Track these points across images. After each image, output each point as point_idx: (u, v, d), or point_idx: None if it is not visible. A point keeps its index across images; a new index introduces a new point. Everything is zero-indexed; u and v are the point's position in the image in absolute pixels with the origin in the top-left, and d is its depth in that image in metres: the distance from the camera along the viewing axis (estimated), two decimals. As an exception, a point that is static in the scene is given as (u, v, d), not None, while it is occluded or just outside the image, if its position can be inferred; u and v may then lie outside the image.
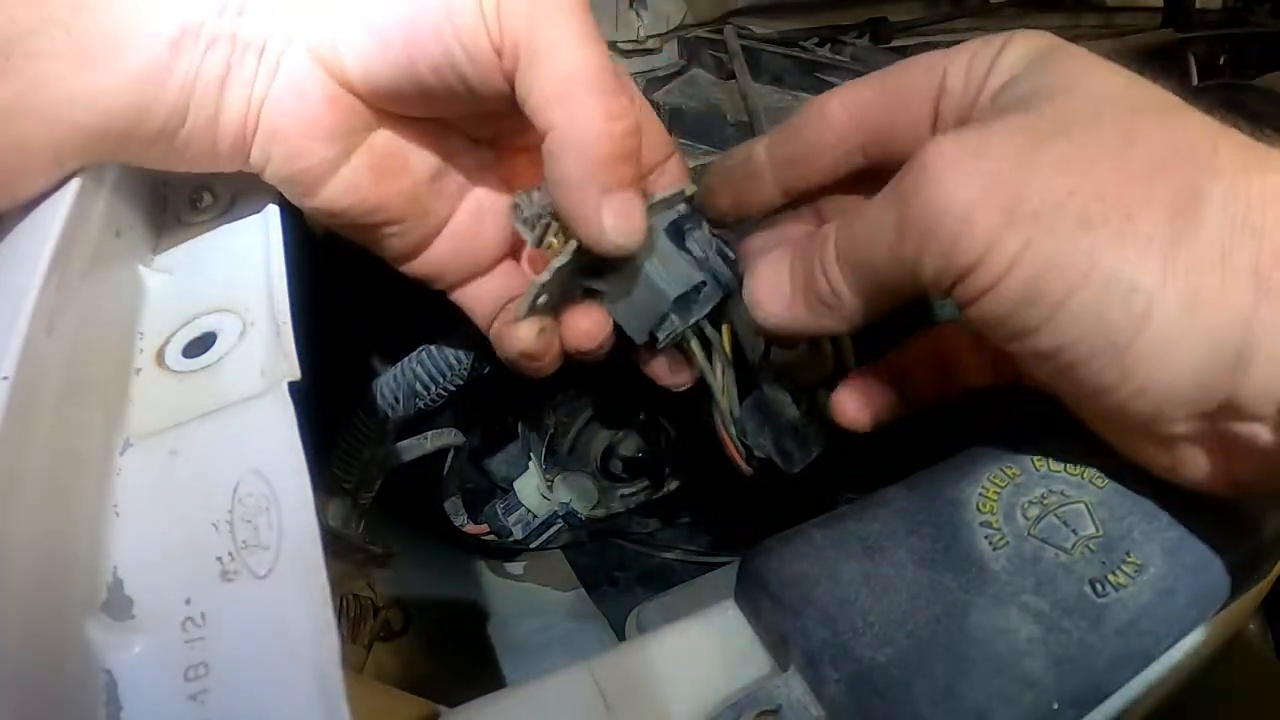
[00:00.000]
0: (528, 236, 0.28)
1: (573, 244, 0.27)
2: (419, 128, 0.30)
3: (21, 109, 0.23)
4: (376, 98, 0.27)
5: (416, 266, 0.32)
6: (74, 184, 0.24)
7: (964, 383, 0.30)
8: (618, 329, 0.30)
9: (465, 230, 0.32)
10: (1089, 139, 0.21)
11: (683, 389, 0.34)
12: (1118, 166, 0.20)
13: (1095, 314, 0.20)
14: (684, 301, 0.29)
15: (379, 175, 0.29)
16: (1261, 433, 0.21)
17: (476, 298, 0.33)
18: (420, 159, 0.30)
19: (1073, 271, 0.20)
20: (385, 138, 0.29)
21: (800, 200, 0.30)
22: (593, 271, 0.29)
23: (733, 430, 0.32)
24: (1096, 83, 0.23)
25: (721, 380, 0.31)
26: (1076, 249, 0.20)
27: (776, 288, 0.27)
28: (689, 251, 0.29)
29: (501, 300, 0.33)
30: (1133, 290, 0.20)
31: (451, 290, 0.33)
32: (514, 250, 0.33)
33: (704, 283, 0.29)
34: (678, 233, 0.30)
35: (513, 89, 0.25)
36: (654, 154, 0.32)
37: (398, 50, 0.25)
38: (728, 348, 0.31)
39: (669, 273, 0.29)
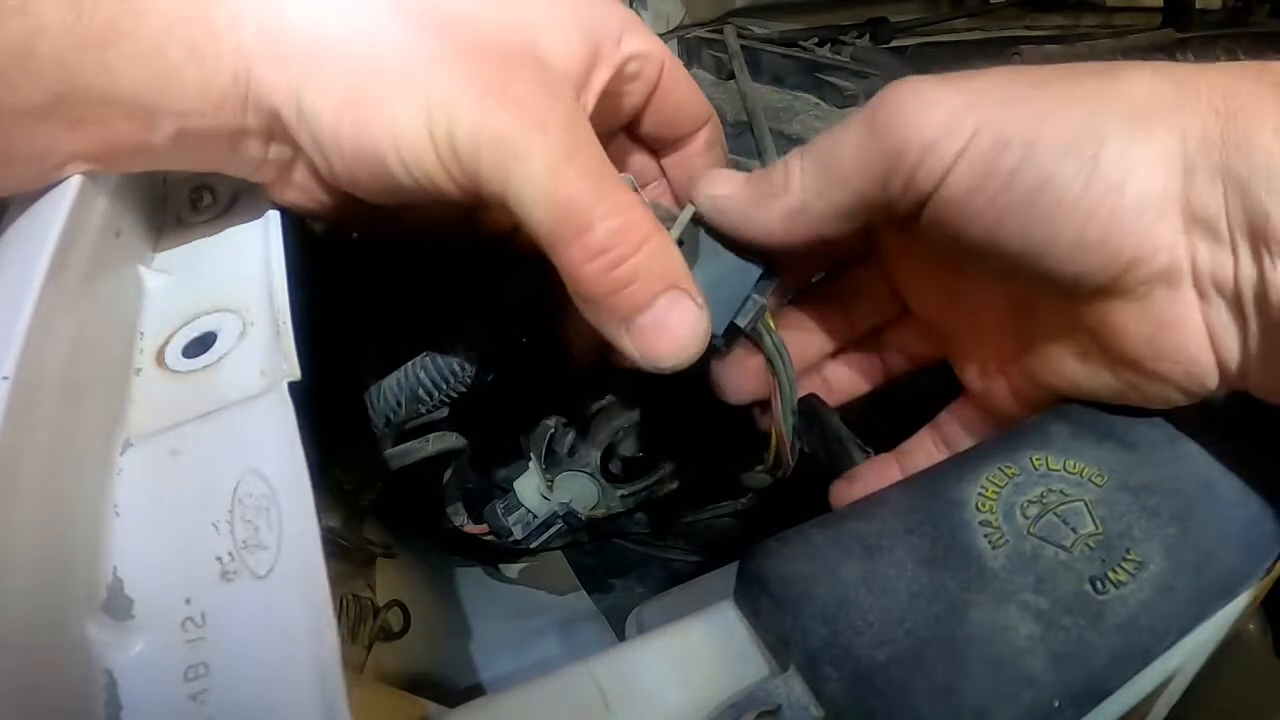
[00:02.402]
0: None
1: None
2: None
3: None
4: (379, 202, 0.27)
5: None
6: (74, 184, 0.24)
7: None
8: None
9: None
10: (1027, 69, 0.25)
11: (748, 400, 0.33)
12: (1056, 73, 0.25)
13: (1064, 144, 0.23)
14: (760, 283, 0.29)
15: (385, 222, 0.30)
16: (1223, 258, 0.23)
17: None
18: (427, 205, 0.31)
19: (1033, 117, 0.23)
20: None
21: None
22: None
23: (791, 422, 0.32)
24: None
25: (786, 371, 0.31)
26: (1032, 100, 0.24)
27: (734, 179, 0.28)
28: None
29: None
30: (1087, 116, 0.23)
31: None
32: None
33: (768, 263, 0.29)
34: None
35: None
36: (689, 122, 0.32)
37: (365, 179, 0.25)
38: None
39: (735, 259, 0.29)
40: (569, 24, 0.27)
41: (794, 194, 0.27)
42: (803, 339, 0.34)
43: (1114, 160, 0.23)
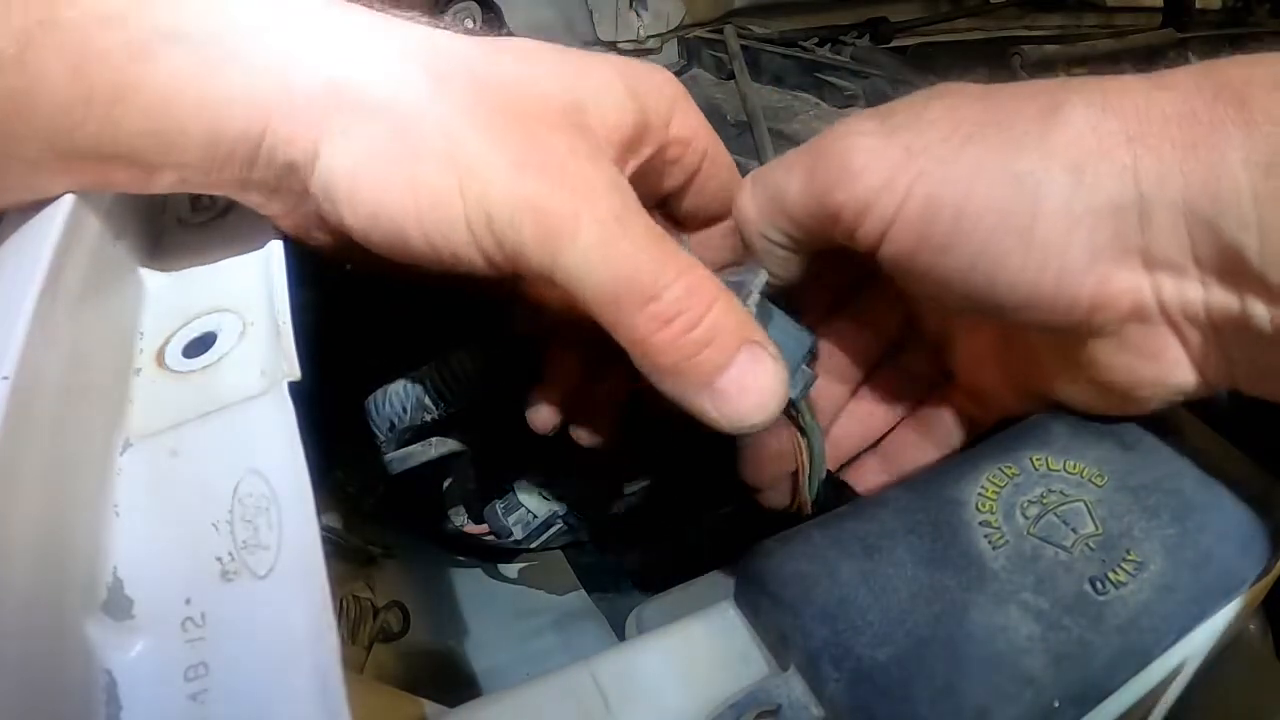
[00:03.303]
0: None
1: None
2: None
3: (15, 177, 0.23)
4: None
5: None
6: (73, 185, 0.24)
7: None
8: None
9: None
10: (966, 93, 0.24)
11: (764, 485, 0.32)
12: (990, 104, 0.24)
13: (995, 208, 0.22)
14: (808, 354, 0.28)
15: (393, 265, 0.28)
16: (1191, 292, 0.22)
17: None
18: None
19: (964, 179, 0.23)
20: None
21: None
22: None
23: (818, 493, 0.31)
24: None
25: (817, 445, 0.30)
26: (963, 159, 0.23)
27: None
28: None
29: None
30: (1018, 176, 0.22)
31: None
32: None
33: (814, 340, 0.28)
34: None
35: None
36: (723, 208, 0.31)
37: (379, 240, 0.23)
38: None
39: (792, 326, 0.28)
40: (620, 92, 0.25)
41: (749, 216, 0.27)
42: (829, 371, 0.32)
43: (1054, 222, 0.22)
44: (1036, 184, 0.22)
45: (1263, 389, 0.23)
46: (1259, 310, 0.21)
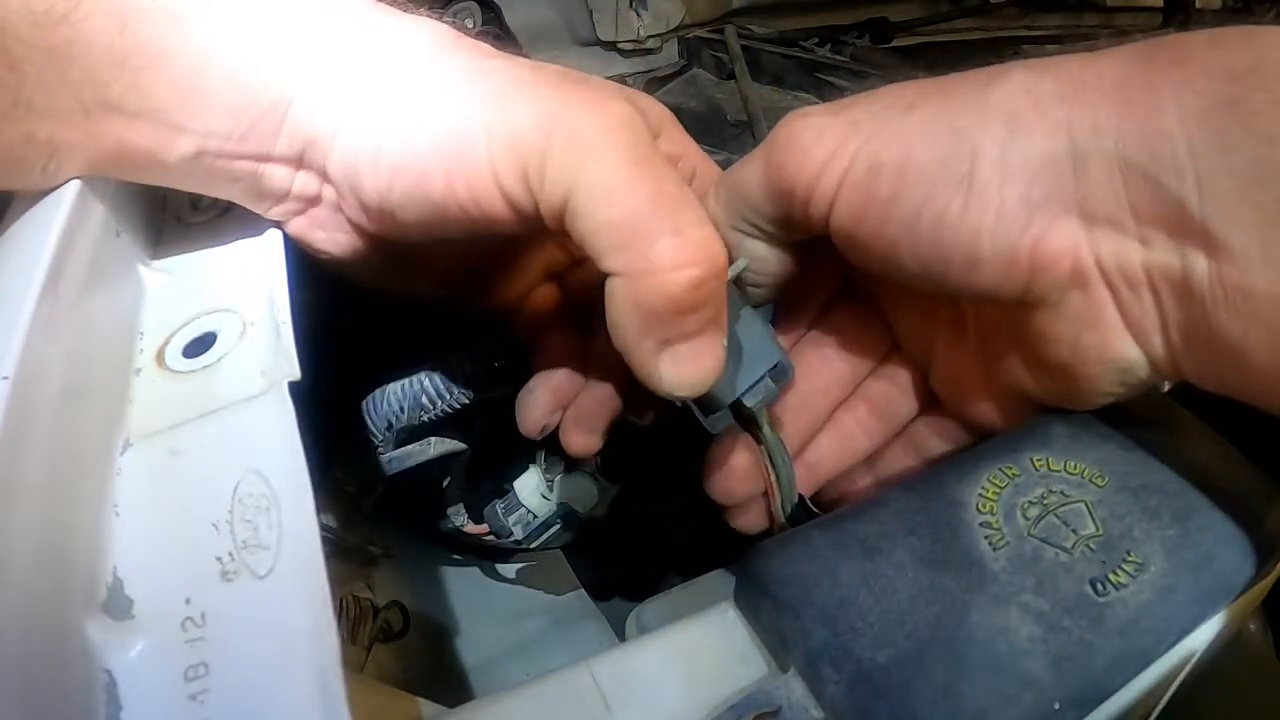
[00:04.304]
0: None
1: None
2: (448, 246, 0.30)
3: (36, 147, 0.23)
4: (403, 240, 0.27)
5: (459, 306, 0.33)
6: (74, 184, 0.24)
7: None
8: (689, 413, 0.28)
9: (493, 286, 0.33)
10: (917, 80, 0.25)
11: (735, 502, 0.32)
12: (937, 82, 0.25)
13: (935, 160, 0.23)
14: (776, 370, 0.28)
15: (397, 271, 0.30)
16: (1130, 251, 0.22)
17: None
18: (441, 256, 0.31)
19: (906, 138, 0.23)
20: (405, 248, 0.28)
21: None
22: None
23: (791, 512, 0.31)
24: None
25: (784, 464, 0.30)
26: (906, 122, 0.24)
27: None
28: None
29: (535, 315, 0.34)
30: (957, 130, 0.23)
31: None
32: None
33: (784, 359, 0.28)
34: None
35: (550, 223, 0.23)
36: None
37: (411, 201, 0.24)
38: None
39: (762, 333, 0.28)
40: (613, 89, 0.25)
41: (714, 214, 0.28)
42: (808, 389, 0.32)
43: (990, 172, 0.22)
44: (974, 138, 0.22)
45: (1206, 375, 0.23)
46: (1200, 266, 0.21)
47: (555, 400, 0.33)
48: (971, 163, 0.22)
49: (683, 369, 0.23)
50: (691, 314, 0.22)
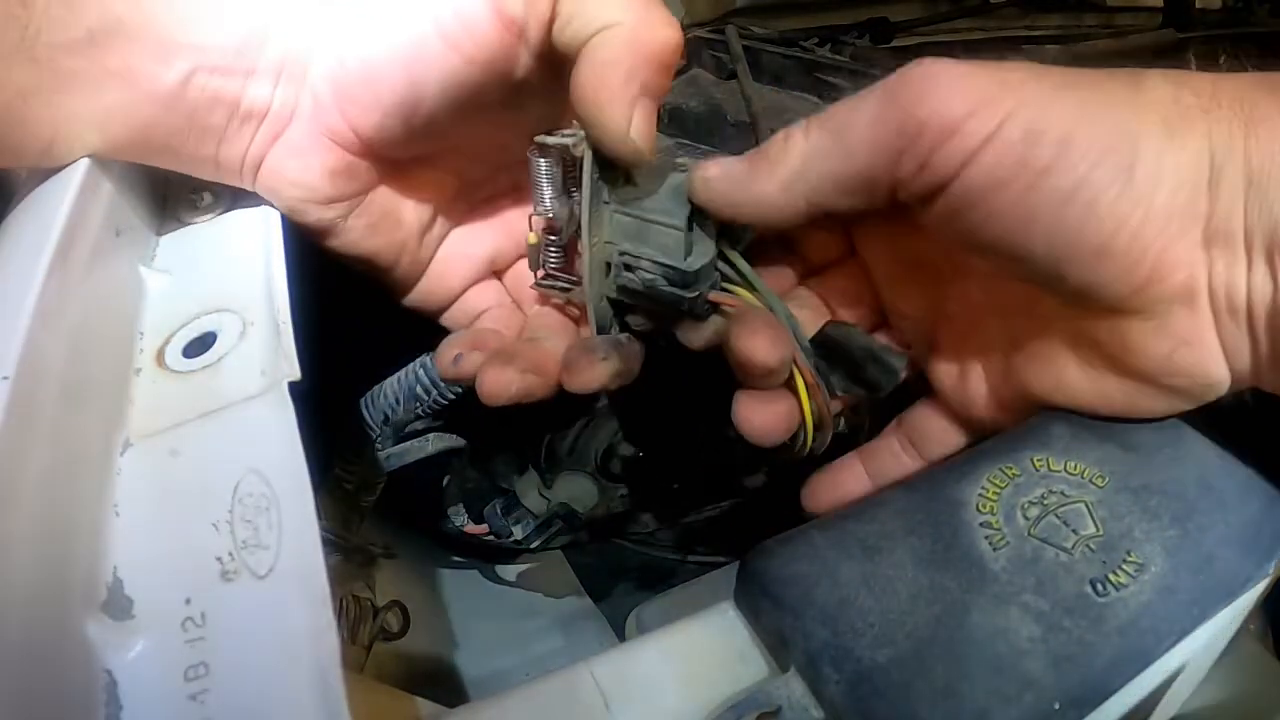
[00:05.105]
0: (543, 176, 0.29)
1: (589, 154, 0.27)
2: (416, 181, 0.31)
3: (42, 99, 0.24)
4: (382, 144, 0.28)
5: (408, 300, 0.34)
6: (75, 183, 0.24)
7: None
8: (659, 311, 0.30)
9: (441, 270, 0.34)
10: (1052, 69, 0.24)
11: (778, 442, 0.31)
12: (1079, 76, 0.24)
13: (1100, 145, 0.22)
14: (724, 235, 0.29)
15: (374, 230, 0.30)
16: (1238, 276, 0.22)
17: (455, 320, 0.35)
18: (414, 213, 0.31)
19: (1068, 114, 0.22)
20: (383, 196, 0.30)
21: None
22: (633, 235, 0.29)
23: (813, 362, 0.30)
24: None
25: (782, 311, 0.30)
26: (1063, 98, 0.23)
27: (725, 160, 0.28)
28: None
29: (477, 311, 0.34)
30: (1120, 123, 0.22)
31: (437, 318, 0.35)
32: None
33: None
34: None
35: (536, 55, 0.26)
36: None
37: (400, 78, 0.26)
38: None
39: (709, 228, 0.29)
40: None
41: (793, 159, 0.26)
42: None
43: (1149, 168, 0.22)
44: (1136, 133, 0.22)
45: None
46: None
47: (471, 342, 0.31)
48: (1135, 154, 0.22)
49: (645, 124, 0.26)
50: (666, 75, 0.26)
